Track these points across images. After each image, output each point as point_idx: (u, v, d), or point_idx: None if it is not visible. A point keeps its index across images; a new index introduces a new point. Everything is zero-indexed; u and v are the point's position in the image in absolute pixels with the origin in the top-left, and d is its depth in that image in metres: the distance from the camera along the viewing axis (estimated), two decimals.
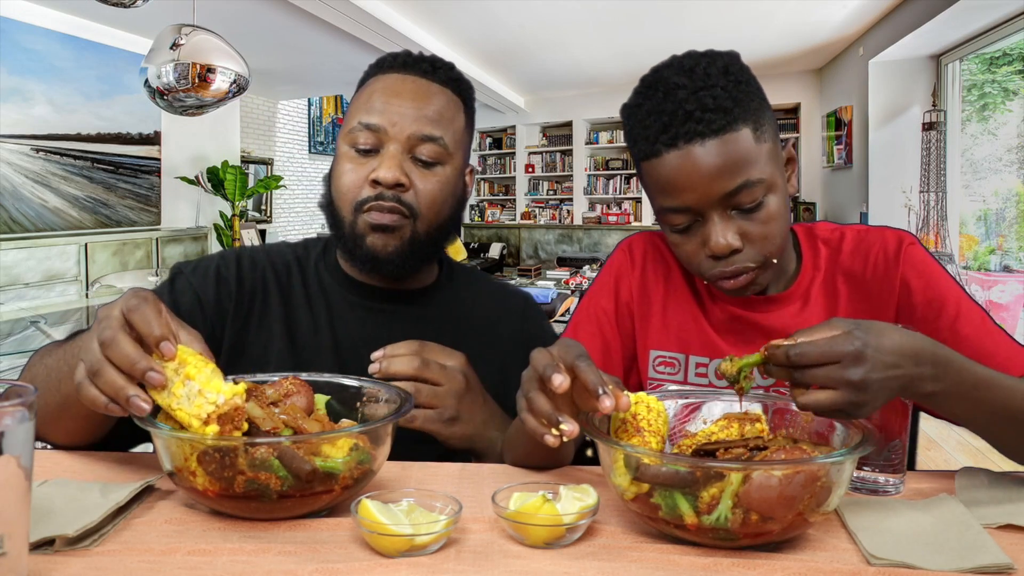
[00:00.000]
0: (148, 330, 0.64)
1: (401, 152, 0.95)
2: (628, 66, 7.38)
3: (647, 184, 0.87)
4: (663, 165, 0.82)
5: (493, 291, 1.15)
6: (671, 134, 0.81)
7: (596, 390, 0.63)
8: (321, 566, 0.57)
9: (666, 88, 0.83)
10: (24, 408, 0.50)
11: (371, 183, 0.94)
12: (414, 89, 0.98)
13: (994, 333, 0.84)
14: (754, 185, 0.81)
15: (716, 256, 0.84)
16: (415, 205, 0.95)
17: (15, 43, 4.58)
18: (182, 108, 3.33)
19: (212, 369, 0.64)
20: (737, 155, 0.80)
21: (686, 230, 0.86)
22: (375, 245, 0.95)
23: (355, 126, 0.96)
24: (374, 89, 0.98)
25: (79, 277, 5.03)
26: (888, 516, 0.67)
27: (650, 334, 1.00)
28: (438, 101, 0.98)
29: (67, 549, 0.59)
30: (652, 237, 1.05)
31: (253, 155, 7.60)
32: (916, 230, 5.21)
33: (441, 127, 0.97)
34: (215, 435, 0.61)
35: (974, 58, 5.38)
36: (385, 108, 0.96)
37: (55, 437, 0.84)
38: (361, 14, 4.76)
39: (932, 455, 3.29)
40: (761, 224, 0.83)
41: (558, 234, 9.50)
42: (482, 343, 1.04)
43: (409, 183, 0.95)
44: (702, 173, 0.80)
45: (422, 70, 1.00)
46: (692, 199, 0.82)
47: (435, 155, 0.96)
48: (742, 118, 0.80)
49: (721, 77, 0.82)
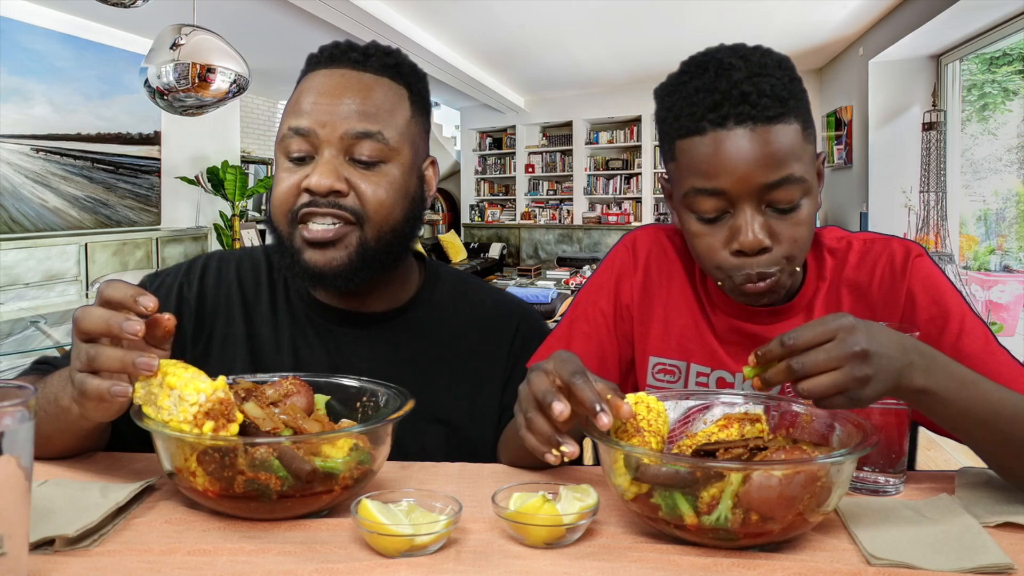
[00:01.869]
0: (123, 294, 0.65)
1: (337, 155, 0.87)
2: (628, 66, 7.38)
3: (681, 164, 0.81)
4: (707, 144, 0.77)
5: (483, 304, 1.05)
6: (721, 112, 0.76)
7: (593, 408, 0.62)
8: (321, 566, 0.57)
9: (719, 67, 0.78)
10: (24, 408, 0.50)
11: (304, 191, 0.87)
12: (343, 83, 0.89)
13: (997, 353, 0.82)
14: (795, 183, 0.77)
15: (742, 252, 0.79)
16: (360, 210, 0.87)
17: (15, 43, 4.58)
18: (182, 108, 3.33)
19: (192, 373, 0.64)
20: (785, 148, 0.76)
21: (713, 220, 0.80)
22: (315, 261, 0.87)
23: (286, 132, 0.89)
24: (303, 89, 0.91)
25: (79, 277, 5.03)
26: (888, 516, 0.67)
27: (650, 340, 0.96)
28: (374, 93, 0.89)
29: (67, 549, 0.59)
30: (658, 233, 1.00)
31: (253, 155, 7.60)
32: (916, 230, 5.21)
33: (379, 121, 0.88)
34: (212, 433, 0.61)
35: (974, 58, 5.38)
36: (313, 109, 0.87)
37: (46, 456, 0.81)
38: (361, 14, 4.77)
39: (932, 455, 3.29)
40: (793, 227, 0.79)
41: (558, 234, 9.49)
42: (462, 371, 0.98)
43: (348, 187, 0.87)
44: (747, 158, 0.76)
45: (352, 60, 0.91)
46: (730, 183, 0.77)
47: (376, 153, 0.88)
48: (795, 112, 0.78)
49: (776, 68, 0.79)
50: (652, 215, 8.88)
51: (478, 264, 8.84)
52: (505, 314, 1.05)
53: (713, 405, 0.77)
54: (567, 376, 0.65)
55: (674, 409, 0.77)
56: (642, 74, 7.76)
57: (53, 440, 0.78)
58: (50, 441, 0.78)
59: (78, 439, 0.80)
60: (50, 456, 0.81)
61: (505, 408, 0.98)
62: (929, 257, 0.89)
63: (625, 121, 9.04)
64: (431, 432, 0.95)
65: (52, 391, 0.75)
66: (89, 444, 0.83)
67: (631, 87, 8.48)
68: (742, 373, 0.90)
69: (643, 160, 8.82)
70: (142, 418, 0.65)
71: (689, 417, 0.78)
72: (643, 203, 8.87)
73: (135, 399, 0.66)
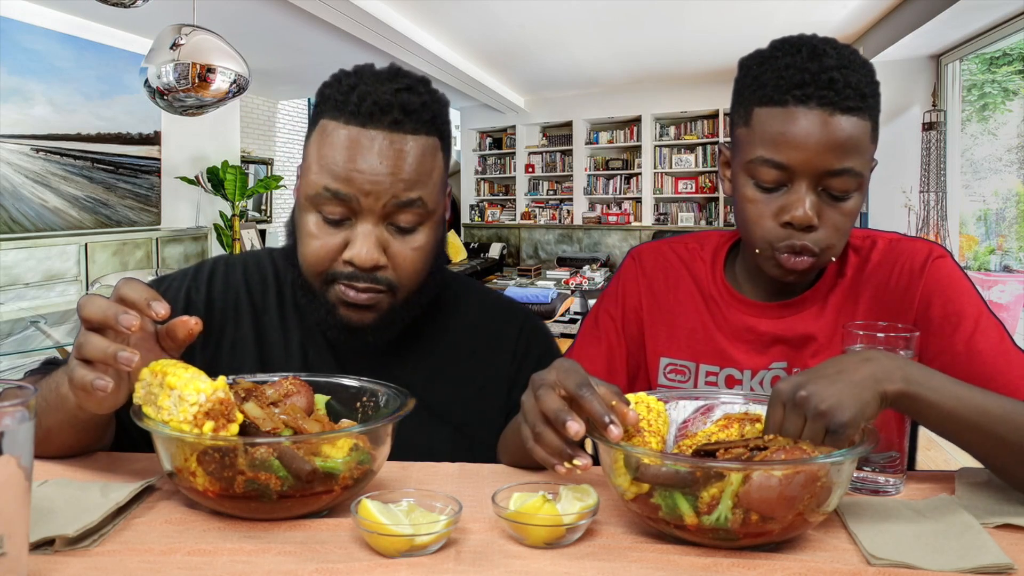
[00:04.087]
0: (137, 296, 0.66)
1: (377, 224, 0.85)
2: (628, 66, 7.38)
3: (754, 130, 0.84)
4: (785, 117, 0.81)
5: (486, 306, 1.06)
6: (807, 91, 0.80)
7: (602, 420, 0.62)
8: (321, 566, 0.57)
9: (812, 51, 0.82)
10: (24, 408, 0.50)
11: (344, 262, 0.86)
12: (383, 150, 0.83)
13: (1010, 353, 0.83)
14: (853, 175, 0.81)
15: (791, 225, 0.83)
16: (394, 280, 0.87)
17: (15, 43, 4.58)
18: (182, 108, 3.33)
19: (192, 373, 0.64)
20: (854, 140, 0.80)
21: (770, 191, 0.84)
22: (350, 318, 0.88)
23: (321, 192, 0.84)
24: (335, 145, 0.84)
25: (79, 277, 5.02)
26: (888, 516, 0.67)
27: (660, 341, 1.00)
28: (413, 157, 0.85)
29: (67, 549, 0.59)
30: (660, 246, 1.05)
31: (253, 155, 7.60)
32: (916, 230, 5.21)
33: (419, 186, 0.85)
34: (212, 433, 0.62)
35: (974, 58, 5.38)
36: (353, 176, 0.83)
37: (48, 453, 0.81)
38: (361, 14, 4.76)
39: (932, 455, 3.29)
40: (841, 216, 0.83)
41: (558, 234, 9.49)
42: (467, 374, 1.00)
43: (387, 260, 0.86)
44: (819, 140, 0.79)
45: (390, 122, 0.84)
46: (796, 159, 0.81)
47: (415, 220, 0.87)
48: (870, 111, 0.81)
49: (862, 67, 0.82)
50: (652, 215, 8.88)
51: (478, 264, 8.84)
52: (508, 316, 1.06)
53: (714, 407, 0.77)
54: (573, 388, 0.65)
55: (675, 409, 0.77)
56: (642, 74, 7.76)
57: (54, 434, 0.78)
58: (51, 435, 0.77)
59: (78, 433, 0.79)
60: (52, 454, 0.81)
61: (511, 409, 0.98)
62: (952, 259, 0.90)
63: (625, 121, 9.04)
64: (438, 433, 0.95)
65: (55, 380, 0.76)
66: (90, 440, 0.82)
67: (631, 87, 8.47)
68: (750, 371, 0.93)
69: (643, 160, 8.82)
70: (142, 418, 0.65)
71: (692, 419, 0.78)
72: (643, 203, 8.87)
73: (135, 399, 0.66)
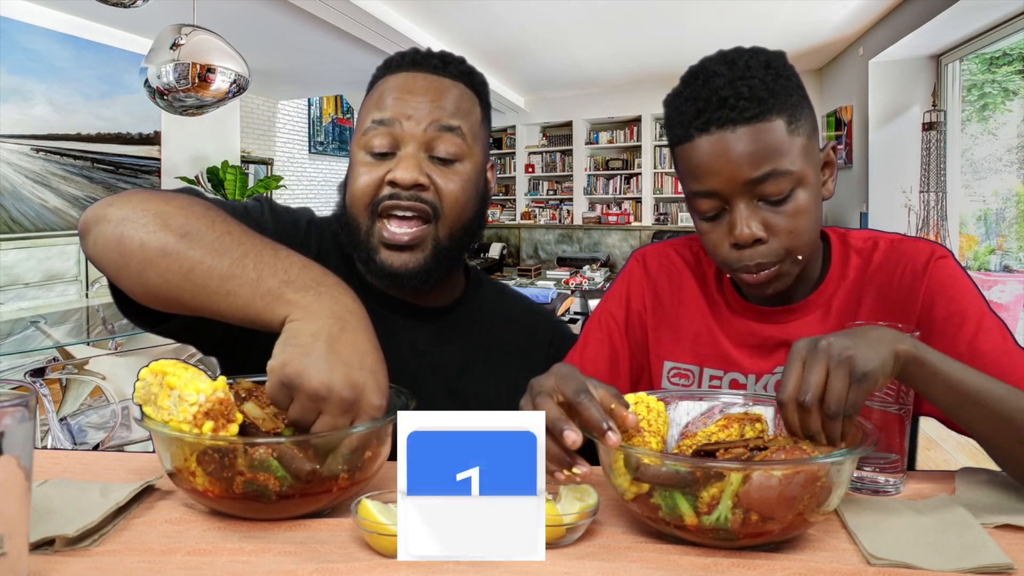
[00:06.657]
0: (572, 393, 0.65)
1: (418, 150, 0.91)
2: (628, 66, 7.38)
3: (680, 170, 0.88)
4: (694, 149, 0.83)
5: (522, 313, 1.12)
6: (704, 119, 0.82)
7: (601, 427, 0.62)
8: (321, 566, 0.57)
9: (705, 76, 0.84)
10: (24, 408, 0.50)
11: (388, 183, 0.91)
12: (426, 85, 0.94)
13: (1013, 353, 0.82)
14: (781, 176, 0.81)
15: (739, 245, 0.84)
16: (438, 205, 0.92)
17: (15, 43, 4.58)
18: (182, 108, 3.34)
19: (192, 373, 0.64)
20: (766, 144, 0.80)
21: (714, 218, 0.86)
22: (392, 262, 0.92)
23: (368, 126, 0.93)
24: (384, 89, 0.95)
25: (79, 277, 5.03)
26: (888, 516, 0.67)
27: (664, 345, 1.00)
28: (453, 94, 0.95)
29: (67, 549, 0.59)
30: (665, 248, 1.05)
31: (253, 155, 7.60)
32: (916, 230, 5.21)
33: (458, 118, 0.94)
34: (212, 433, 0.62)
35: (974, 58, 5.38)
36: (396, 104, 0.92)
37: (134, 289, 0.76)
38: (361, 14, 4.77)
39: (932, 455, 3.29)
40: (788, 218, 0.83)
41: (558, 234, 9.50)
42: (502, 368, 1.03)
43: (429, 182, 0.91)
44: (730, 158, 0.81)
45: (432, 66, 0.96)
46: (719, 184, 0.82)
47: (455, 150, 0.93)
48: (776, 109, 0.81)
49: (761, 69, 0.83)
50: (652, 215, 8.88)
51: (478, 264, 8.84)
52: (542, 319, 1.13)
53: (715, 408, 0.77)
54: (571, 395, 0.65)
55: (674, 410, 0.77)
56: (642, 74, 7.76)
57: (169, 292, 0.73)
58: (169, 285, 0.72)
59: (198, 310, 0.73)
60: (135, 294, 0.76)
61: None
62: (954, 260, 0.89)
63: (625, 121, 9.04)
64: None
65: (261, 262, 0.72)
66: (191, 330, 0.85)
67: (631, 87, 8.47)
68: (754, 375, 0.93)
69: (643, 160, 8.82)
70: (142, 418, 0.65)
71: (693, 420, 0.78)
72: (643, 203, 8.87)
73: (135, 399, 0.67)
